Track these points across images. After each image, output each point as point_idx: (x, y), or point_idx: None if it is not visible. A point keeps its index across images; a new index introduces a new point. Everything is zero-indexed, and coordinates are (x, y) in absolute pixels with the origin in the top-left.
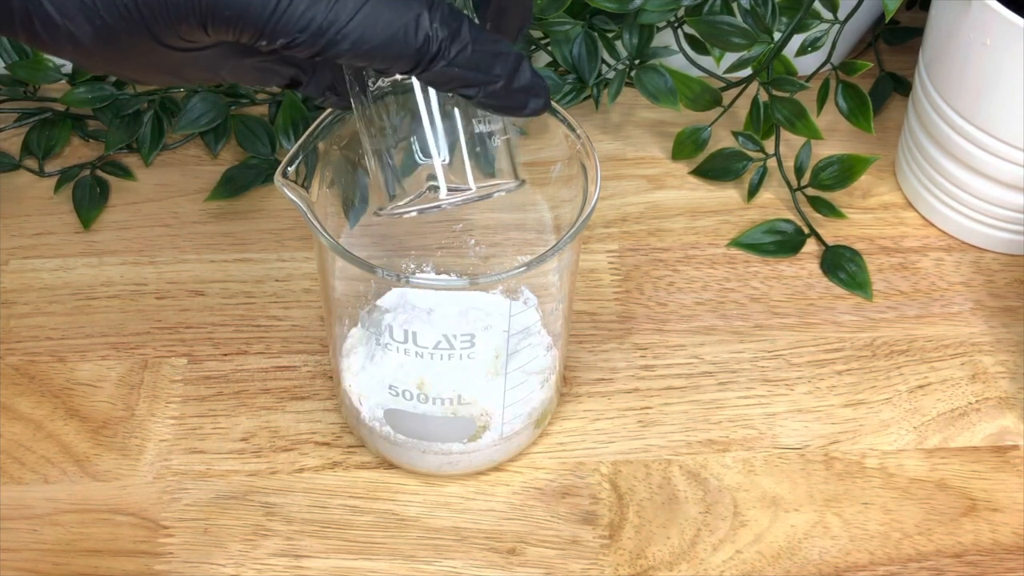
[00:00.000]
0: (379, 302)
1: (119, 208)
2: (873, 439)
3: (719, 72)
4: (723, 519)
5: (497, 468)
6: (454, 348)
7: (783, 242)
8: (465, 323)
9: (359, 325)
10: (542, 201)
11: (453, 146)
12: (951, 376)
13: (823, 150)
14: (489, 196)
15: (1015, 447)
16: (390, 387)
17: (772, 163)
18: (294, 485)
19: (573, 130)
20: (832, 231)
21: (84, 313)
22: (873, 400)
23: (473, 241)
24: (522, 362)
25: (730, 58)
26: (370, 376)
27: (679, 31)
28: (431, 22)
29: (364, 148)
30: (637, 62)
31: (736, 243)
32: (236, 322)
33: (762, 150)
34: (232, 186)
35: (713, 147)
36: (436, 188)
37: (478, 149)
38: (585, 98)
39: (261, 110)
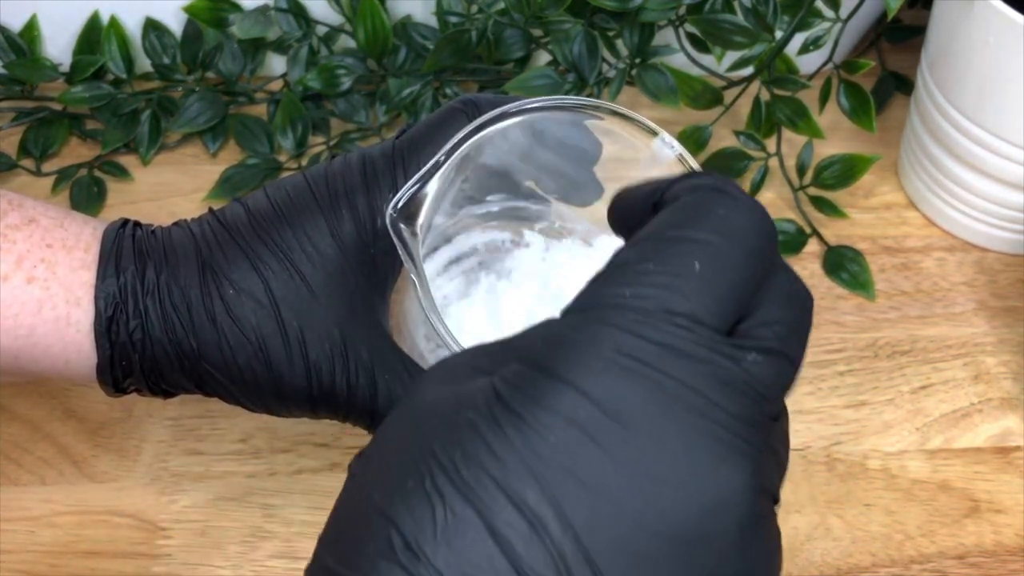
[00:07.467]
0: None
1: (117, 208)
2: (875, 440)
3: (720, 71)
4: None
5: None
6: None
7: (785, 242)
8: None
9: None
10: None
11: None
12: (954, 377)
13: (825, 149)
14: None
15: (1018, 448)
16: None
17: (774, 162)
18: (293, 486)
19: None
20: (834, 231)
21: None
22: (875, 401)
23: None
24: None
25: (731, 57)
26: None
27: (680, 29)
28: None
29: None
30: (638, 61)
31: None
32: None
33: (763, 149)
34: (230, 186)
35: (714, 146)
36: None
37: None
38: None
39: (260, 109)
